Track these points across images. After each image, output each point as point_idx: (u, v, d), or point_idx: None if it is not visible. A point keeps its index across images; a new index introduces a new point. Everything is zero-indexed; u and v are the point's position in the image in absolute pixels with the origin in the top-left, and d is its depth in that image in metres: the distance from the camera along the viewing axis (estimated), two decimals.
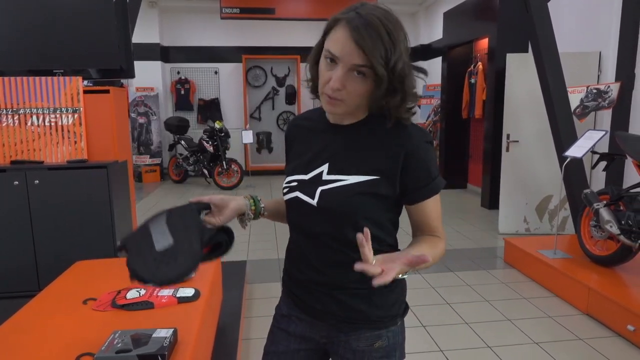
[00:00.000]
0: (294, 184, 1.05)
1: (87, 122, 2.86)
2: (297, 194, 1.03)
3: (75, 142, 2.84)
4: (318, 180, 1.01)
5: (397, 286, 1.06)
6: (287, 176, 1.08)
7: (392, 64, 0.86)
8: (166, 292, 1.88)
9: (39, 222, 2.70)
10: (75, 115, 2.83)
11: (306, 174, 1.03)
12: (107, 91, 2.88)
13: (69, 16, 2.90)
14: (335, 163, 1.01)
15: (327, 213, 0.99)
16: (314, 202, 0.99)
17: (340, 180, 0.98)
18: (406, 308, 1.10)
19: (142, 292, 1.87)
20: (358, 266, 0.79)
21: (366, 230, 0.81)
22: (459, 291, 3.37)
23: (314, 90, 1.02)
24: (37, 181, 2.67)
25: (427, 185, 0.99)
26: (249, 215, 1.10)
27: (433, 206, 1.01)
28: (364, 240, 0.80)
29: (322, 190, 0.99)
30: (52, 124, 2.82)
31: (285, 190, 1.07)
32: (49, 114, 2.81)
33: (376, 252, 1.02)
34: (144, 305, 1.79)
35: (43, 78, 2.80)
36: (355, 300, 1.02)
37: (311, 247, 1.04)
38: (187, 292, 1.90)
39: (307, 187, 1.02)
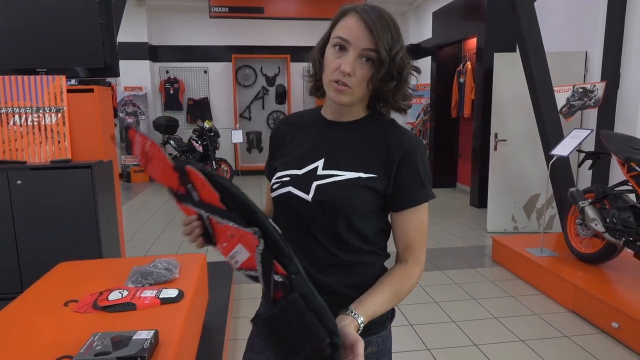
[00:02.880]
0: (286, 179, 1.02)
1: (71, 122, 2.82)
2: (290, 189, 1.00)
3: (59, 142, 2.81)
4: (313, 175, 0.99)
5: None
6: (278, 171, 1.05)
7: (394, 52, 0.92)
8: (149, 293, 1.86)
9: (22, 223, 2.66)
10: (59, 115, 2.80)
11: (300, 168, 1.01)
12: (91, 90, 2.85)
13: (53, 14, 2.86)
14: (331, 158, 0.99)
15: (322, 208, 0.97)
16: (309, 197, 0.97)
17: (337, 176, 0.97)
18: (393, 311, 1.10)
19: (125, 293, 1.85)
20: None
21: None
22: (447, 289, 3.38)
23: (316, 89, 1.04)
24: (19, 181, 2.63)
25: (416, 191, 0.97)
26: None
27: (418, 218, 0.99)
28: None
29: (317, 185, 0.97)
30: (35, 123, 2.78)
31: (275, 186, 1.03)
32: (31, 113, 2.77)
33: (366, 253, 1.02)
34: (126, 306, 1.77)
35: (26, 77, 2.76)
36: (342, 307, 0.98)
37: (300, 247, 1.00)
38: (170, 293, 1.88)
39: (301, 182, 0.99)
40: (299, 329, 0.73)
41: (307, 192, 0.98)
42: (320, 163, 1.00)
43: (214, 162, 7.46)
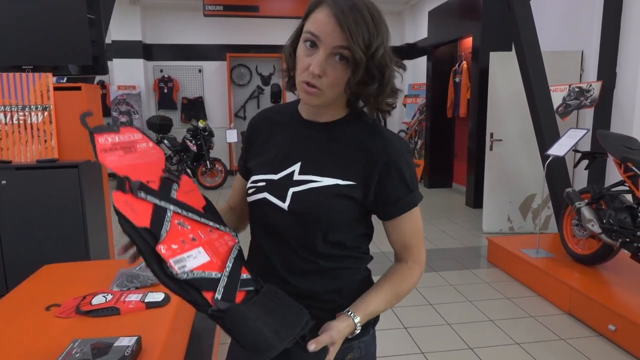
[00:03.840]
0: (262, 184, 0.96)
1: (57, 120, 2.75)
2: (266, 195, 0.94)
3: (45, 141, 2.74)
4: (289, 180, 0.93)
5: None
6: (253, 174, 0.99)
7: (373, 49, 0.81)
8: (134, 297, 1.80)
9: (7, 224, 2.59)
10: (45, 113, 2.73)
11: (276, 173, 0.95)
12: (79, 88, 2.78)
13: (39, 9, 2.79)
14: (308, 162, 0.93)
15: (298, 218, 0.91)
16: (285, 205, 0.91)
17: (314, 182, 0.91)
18: (377, 316, 1.05)
19: (109, 297, 1.79)
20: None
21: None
22: (442, 291, 3.34)
23: (292, 84, 0.95)
24: (4, 181, 2.56)
25: (404, 198, 0.93)
26: None
27: (411, 223, 0.95)
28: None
29: (294, 192, 0.91)
30: (21, 121, 2.71)
31: (250, 191, 0.98)
32: (17, 111, 2.71)
33: (346, 258, 0.97)
34: (109, 311, 1.71)
35: (11, 74, 2.69)
36: (326, 311, 0.94)
37: (277, 254, 0.96)
38: (156, 296, 1.82)
39: (277, 187, 0.94)
40: (267, 324, 0.76)
41: (283, 200, 0.92)
42: (296, 167, 0.94)
43: (208, 161, 7.40)
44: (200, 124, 7.53)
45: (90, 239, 2.69)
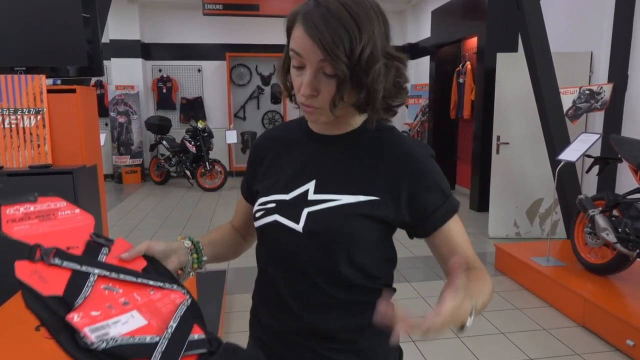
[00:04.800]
0: (271, 205, 0.85)
1: (51, 124, 2.64)
2: (276, 217, 0.84)
3: (39, 146, 2.62)
4: (303, 200, 0.83)
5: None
6: (261, 196, 0.89)
7: (357, 54, 0.71)
8: None
9: None
10: (39, 117, 2.62)
11: (287, 193, 0.85)
12: (74, 90, 2.67)
13: (31, 9, 2.68)
14: (323, 180, 0.83)
15: (316, 240, 0.81)
16: (299, 226, 0.81)
17: (332, 200, 0.81)
18: (401, 354, 0.94)
19: None
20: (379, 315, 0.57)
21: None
22: None
23: (296, 103, 0.85)
24: None
25: (442, 206, 0.83)
26: (188, 273, 0.86)
27: (458, 229, 0.84)
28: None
29: (309, 212, 0.81)
30: (13, 125, 2.59)
31: (259, 214, 0.87)
32: (9, 115, 2.59)
33: (369, 291, 0.85)
34: None
35: (2, 76, 2.57)
36: (344, 354, 0.83)
37: (290, 286, 0.85)
38: None
39: (289, 208, 0.83)
40: None
41: (297, 221, 0.81)
42: (310, 185, 0.83)
43: (207, 163, 7.29)
44: (200, 125, 7.42)
45: None
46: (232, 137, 7.60)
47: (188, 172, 7.53)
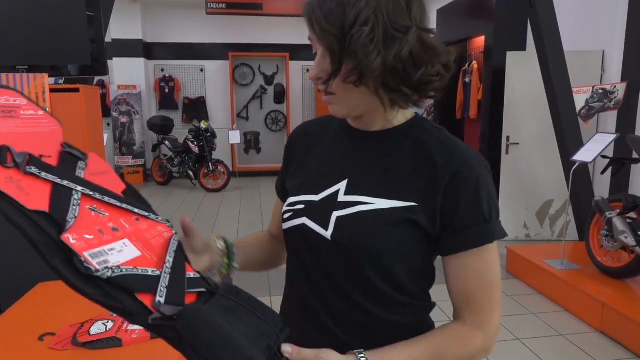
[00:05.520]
0: (300, 206, 0.78)
1: None
2: (305, 220, 0.76)
3: None
4: (332, 202, 0.75)
5: None
6: (290, 195, 0.81)
7: (350, 23, 0.64)
8: (138, 325, 1.61)
9: (0, 237, 2.40)
10: None
11: (317, 193, 0.77)
12: (77, 90, 2.60)
13: (35, 7, 2.60)
14: (356, 180, 0.75)
15: (346, 250, 0.72)
16: (328, 233, 0.73)
17: (364, 204, 0.72)
18: None
19: (110, 325, 1.60)
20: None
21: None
22: None
23: None
24: None
25: (473, 227, 0.70)
26: (213, 275, 0.78)
27: (480, 266, 0.71)
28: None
29: (338, 217, 0.73)
30: None
31: (286, 216, 0.80)
32: None
33: (404, 307, 0.76)
34: (110, 342, 1.53)
35: (4, 75, 2.50)
36: None
37: (319, 295, 0.77)
38: None
39: (318, 211, 0.76)
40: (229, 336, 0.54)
41: (326, 227, 0.74)
42: (342, 186, 0.75)
43: (210, 163, 7.22)
44: (202, 125, 7.35)
45: None
46: (235, 137, 7.53)
47: (191, 173, 7.46)
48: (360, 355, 0.66)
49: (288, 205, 0.80)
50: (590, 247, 3.23)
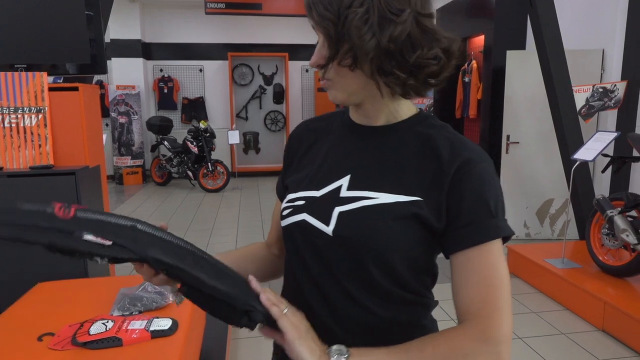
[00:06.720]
0: (300, 202, 0.76)
1: (53, 123, 2.55)
2: (305, 216, 0.74)
3: (40, 146, 2.54)
4: (334, 197, 0.73)
5: None
6: (290, 191, 0.80)
7: (346, 5, 0.65)
8: (138, 324, 1.60)
9: None
10: (40, 116, 2.53)
11: (318, 189, 0.76)
12: (76, 89, 2.58)
13: (34, 6, 2.59)
14: (360, 175, 0.74)
15: (348, 246, 0.71)
16: (329, 229, 0.71)
17: (367, 199, 0.71)
18: None
19: (109, 325, 1.59)
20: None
21: None
22: None
23: None
24: None
25: (480, 222, 0.68)
26: (179, 298, 0.72)
27: (484, 263, 0.67)
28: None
29: (341, 212, 0.71)
30: (13, 125, 2.51)
31: (286, 212, 0.78)
32: (9, 114, 2.50)
33: (406, 304, 0.75)
34: (110, 342, 1.51)
35: (2, 73, 2.49)
36: None
37: (318, 295, 0.75)
38: (162, 323, 1.62)
39: (319, 207, 0.74)
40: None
41: (327, 222, 0.72)
42: (344, 181, 0.74)
43: (209, 163, 7.21)
44: (202, 125, 7.33)
45: None
46: (234, 137, 7.51)
47: (190, 173, 7.44)
48: (334, 349, 0.65)
49: (287, 202, 0.78)
50: (591, 245, 3.23)
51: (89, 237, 0.61)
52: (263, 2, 6.74)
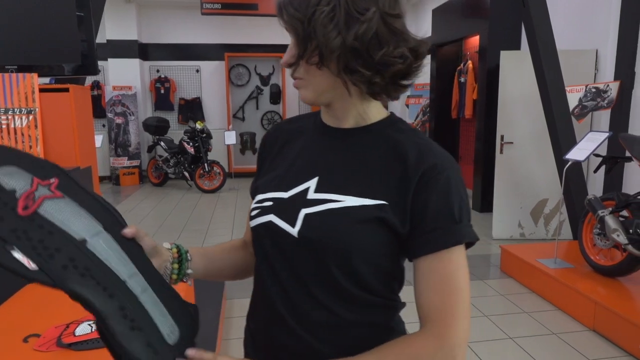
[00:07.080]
0: (268, 203, 0.76)
1: (43, 124, 2.55)
2: (271, 217, 0.74)
3: (30, 147, 2.54)
4: (301, 199, 0.73)
5: None
6: (258, 193, 0.80)
7: (313, 4, 0.66)
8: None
9: None
10: (30, 117, 2.53)
11: (286, 190, 0.76)
12: (67, 90, 2.59)
13: (25, 7, 2.59)
14: (327, 177, 0.74)
15: (312, 248, 0.71)
16: (295, 230, 0.71)
17: (333, 201, 0.71)
18: None
19: (95, 326, 1.59)
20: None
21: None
22: None
23: None
24: None
25: (442, 228, 0.68)
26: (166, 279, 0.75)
27: (444, 269, 0.68)
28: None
29: (307, 214, 0.71)
30: (4, 126, 2.51)
31: (254, 213, 0.78)
32: None
33: (370, 307, 0.75)
34: (95, 343, 1.52)
35: None
36: None
37: (285, 297, 0.75)
38: None
39: (286, 208, 0.74)
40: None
41: (293, 224, 0.72)
42: (312, 183, 0.74)
43: (206, 164, 7.20)
44: (198, 126, 7.33)
45: None
46: (231, 138, 7.51)
47: (186, 174, 7.44)
48: None
49: (256, 203, 0.79)
50: (583, 245, 3.23)
51: (17, 254, 0.54)
52: (259, 3, 6.73)
